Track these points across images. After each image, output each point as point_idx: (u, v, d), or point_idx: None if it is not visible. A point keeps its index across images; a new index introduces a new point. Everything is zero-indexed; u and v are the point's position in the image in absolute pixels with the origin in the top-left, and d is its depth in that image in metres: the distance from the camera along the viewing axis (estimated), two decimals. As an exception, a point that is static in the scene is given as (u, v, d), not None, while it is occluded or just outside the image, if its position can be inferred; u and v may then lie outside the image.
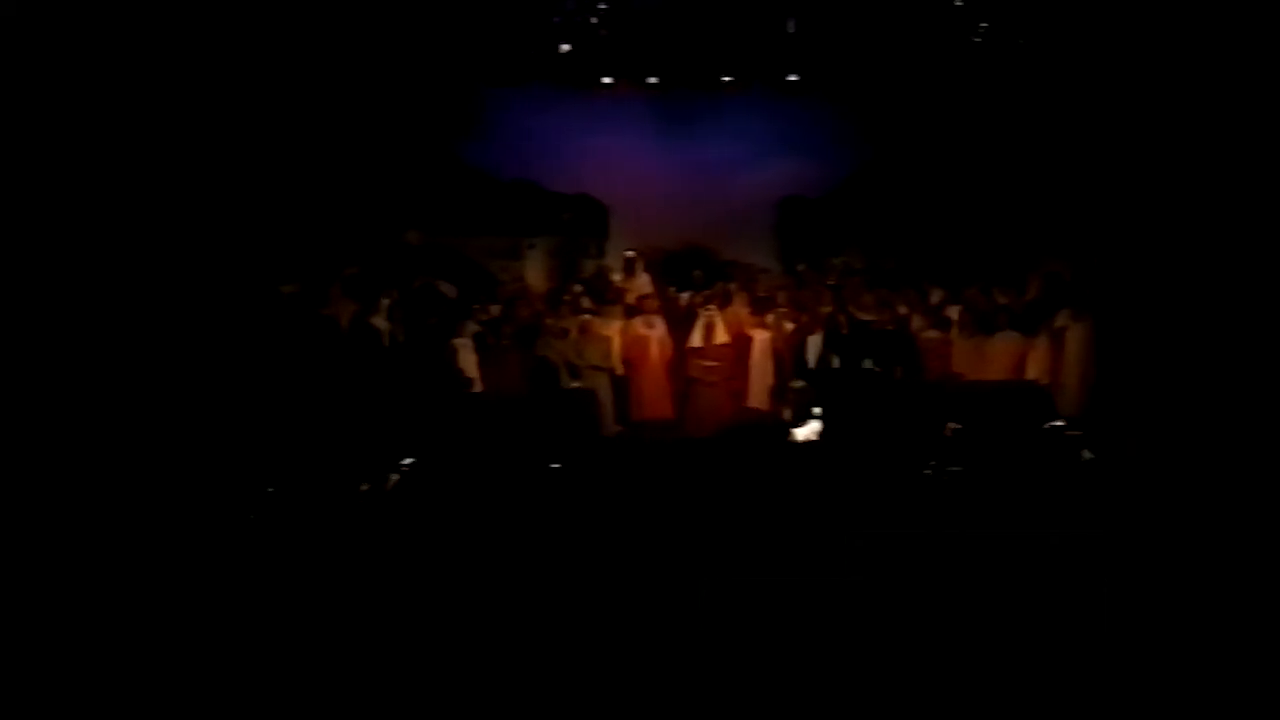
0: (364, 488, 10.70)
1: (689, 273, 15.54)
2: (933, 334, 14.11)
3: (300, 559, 9.12)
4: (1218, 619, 7.85)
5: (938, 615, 8.17)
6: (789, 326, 14.45)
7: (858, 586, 8.49)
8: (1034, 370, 13.56)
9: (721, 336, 14.32)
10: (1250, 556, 8.65)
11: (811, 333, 14.15)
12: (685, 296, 15.10)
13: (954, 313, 14.25)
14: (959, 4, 14.69)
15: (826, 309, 14.32)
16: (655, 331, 14.45)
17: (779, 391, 14.17)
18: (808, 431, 12.98)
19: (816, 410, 13.10)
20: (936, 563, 8.84)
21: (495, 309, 14.39)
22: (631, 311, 14.71)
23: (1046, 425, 12.41)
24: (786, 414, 13.76)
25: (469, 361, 13.56)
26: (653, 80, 16.06)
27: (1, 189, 10.83)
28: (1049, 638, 7.85)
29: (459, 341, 13.62)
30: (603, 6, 15.03)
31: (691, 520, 9.52)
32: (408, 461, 11.29)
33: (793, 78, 15.86)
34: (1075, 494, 10.40)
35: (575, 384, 13.89)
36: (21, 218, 10.88)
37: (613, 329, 14.41)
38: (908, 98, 15.74)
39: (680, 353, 14.43)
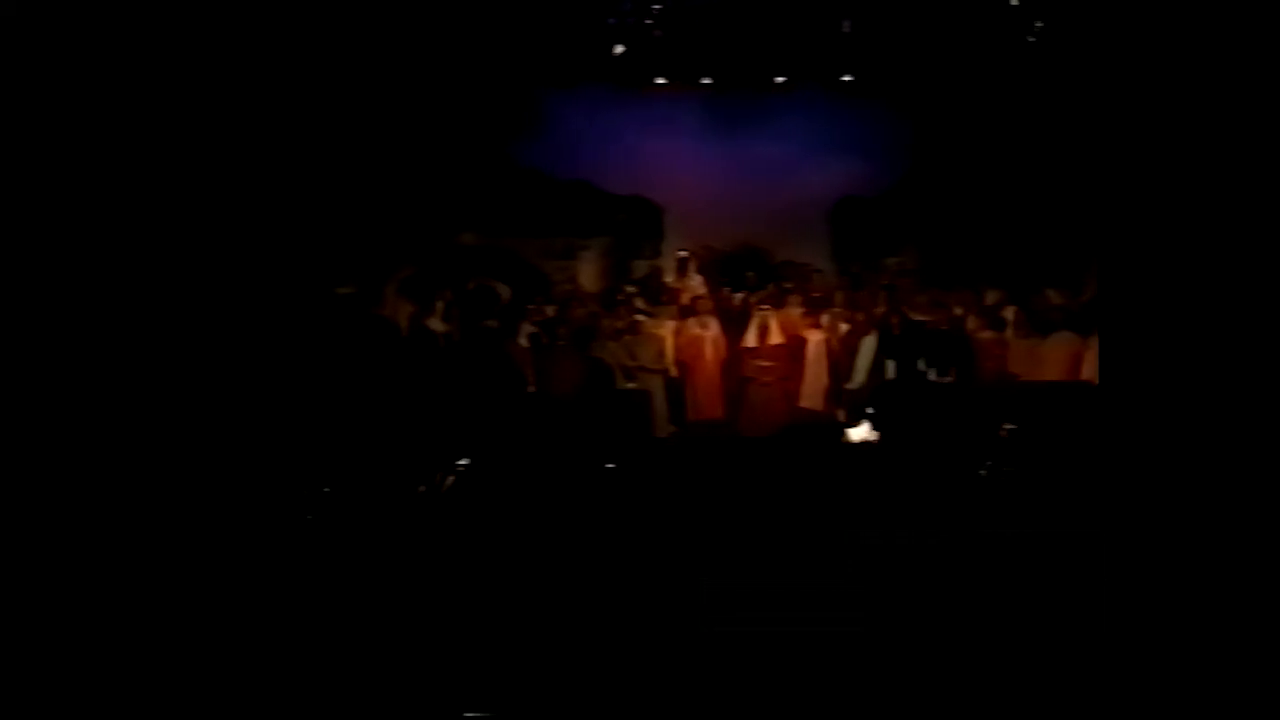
0: (420, 489, 10.55)
1: (743, 273, 15.53)
2: (988, 334, 14.00)
3: (357, 558, 8.96)
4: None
5: (993, 617, 8.07)
6: (844, 327, 14.39)
7: (910, 588, 8.35)
8: (1090, 371, 13.38)
9: (776, 337, 14.21)
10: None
11: (866, 333, 14.05)
12: (739, 297, 15.07)
13: (1010, 313, 14.12)
14: (1014, 4, 14.58)
15: (881, 309, 14.25)
16: (710, 332, 14.36)
17: (833, 392, 14.16)
18: (862, 432, 12.71)
19: (870, 411, 12.86)
20: (990, 564, 8.61)
21: (550, 309, 14.32)
22: (685, 312, 14.64)
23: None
24: (841, 414, 13.74)
25: (524, 362, 13.36)
26: (707, 81, 16.13)
27: (54, 192, 10.41)
28: (1103, 634, 7.79)
29: (514, 342, 13.48)
30: (657, 7, 15.08)
31: (745, 520, 9.22)
32: (463, 462, 11.08)
33: (847, 78, 15.89)
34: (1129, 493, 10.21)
35: (630, 385, 13.79)
36: (74, 221, 10.43)
37: (666, 329, 14.34)
38: (962, 97, 15.69)
39: (735, 353, 14.32)
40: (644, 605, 8.13)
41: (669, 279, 15.69)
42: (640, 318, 14.29)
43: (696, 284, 15.45)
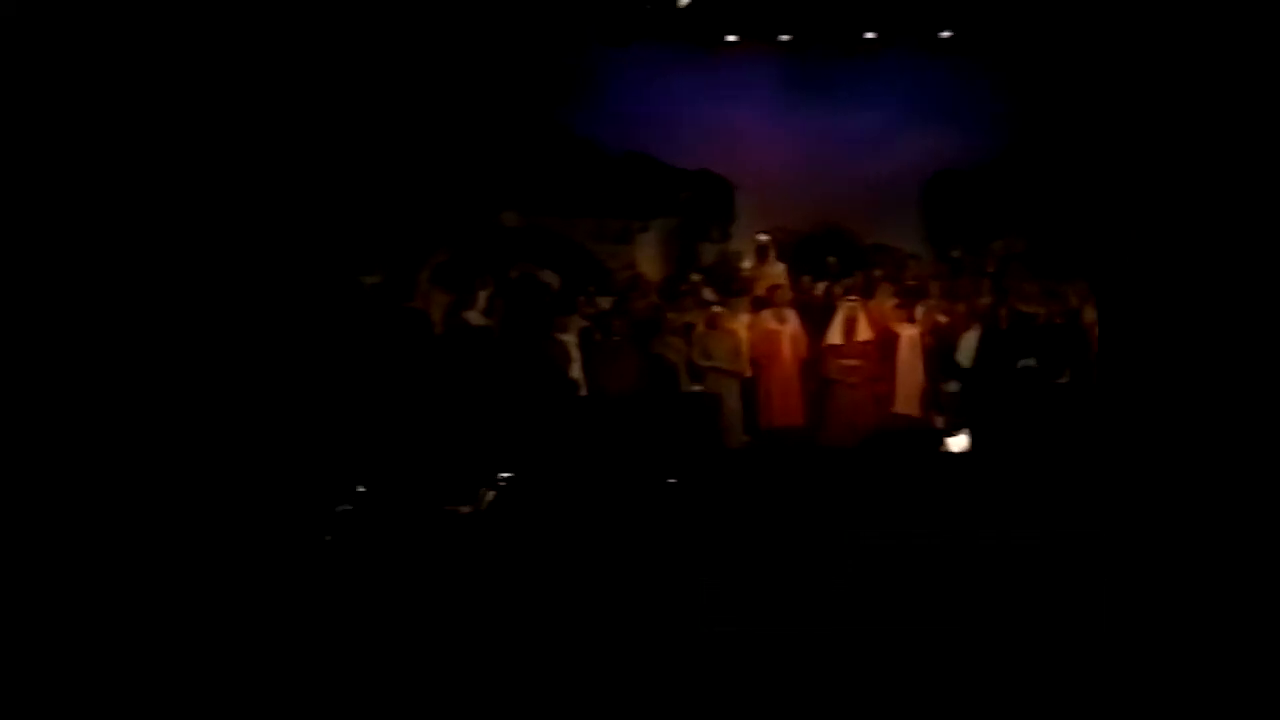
0: (463, 510, 10.31)
1: (824, 259, 14.76)
2: (1109, 328, 13.47)
3: (378, 577, 9.02)
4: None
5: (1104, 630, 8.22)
6: (941, 320, 13.77)
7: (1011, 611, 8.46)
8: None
9: (864, 332, 13.60)
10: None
11: (967, 328, 13.55)
12: (821, 286, 14.37)
13: (1132, 304, 13.59)
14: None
15: (985, 300, 13.70)
16: (787, 326, 13.72)
17: (930, 395, 13.60)
18: (963, 441, 12.45)
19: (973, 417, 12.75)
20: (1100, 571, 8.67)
21: (605, 301, 13.87)
22: (760, 304, 14.01)
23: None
24: (939, 421, 13.36)
25: (574, 361, 13.07)
26: (785, 38, 15.38)
27: (77, 191, 10.70)
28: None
29: (563, 338, 13.09)
30: (728, -46, 14.65)
31: (831, 542, 9.01)
32: (505, 476, 10.75)
33: (945, 34, 15.07)
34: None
35: (697, 387, 13.35)
36: (92, 217, 10.74)
37: (739, 323, 13.78)
38: (1075, 56, 14.58)
39: (816, 351, 13.70)
40: (656, 607, 8.42)
41: (746, 265, 14.98)
42: (717, 310, 13.69)
43: (777, 272, 14.71)
